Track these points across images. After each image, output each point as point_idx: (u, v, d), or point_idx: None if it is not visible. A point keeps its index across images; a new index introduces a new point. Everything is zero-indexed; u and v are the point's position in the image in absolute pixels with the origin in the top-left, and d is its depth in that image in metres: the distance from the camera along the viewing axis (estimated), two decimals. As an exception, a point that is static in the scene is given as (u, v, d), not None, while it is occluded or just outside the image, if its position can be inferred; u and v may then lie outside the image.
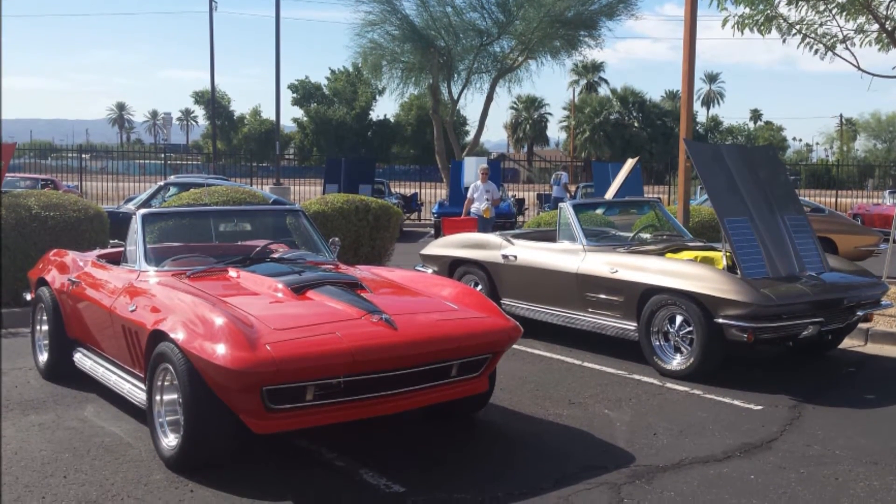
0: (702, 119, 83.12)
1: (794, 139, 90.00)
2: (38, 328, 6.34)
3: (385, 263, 10.49)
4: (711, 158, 7.06)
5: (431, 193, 27.99)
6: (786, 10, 9.58)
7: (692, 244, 7.77)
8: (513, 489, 4.08)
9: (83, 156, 31.37)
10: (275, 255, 5.72)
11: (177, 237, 5.98)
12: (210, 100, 40.31)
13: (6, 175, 12.05)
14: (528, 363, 6.90)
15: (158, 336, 4.38)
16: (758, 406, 5.64)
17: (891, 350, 7.57)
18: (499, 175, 20.99)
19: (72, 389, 5.81)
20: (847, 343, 7.59)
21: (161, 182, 15.15)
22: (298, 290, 4.76)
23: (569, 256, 7.44)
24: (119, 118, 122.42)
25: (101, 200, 23.74)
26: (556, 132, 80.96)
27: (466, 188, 16.63)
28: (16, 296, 8.31)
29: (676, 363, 6.42)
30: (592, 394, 5.96)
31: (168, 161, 37.20)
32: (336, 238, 6.45)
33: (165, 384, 4.36)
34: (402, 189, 29.31)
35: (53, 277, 6.15)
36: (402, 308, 4.74)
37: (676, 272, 6.50)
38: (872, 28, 9.65)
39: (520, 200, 24.78)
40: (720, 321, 6.11)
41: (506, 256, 8.03)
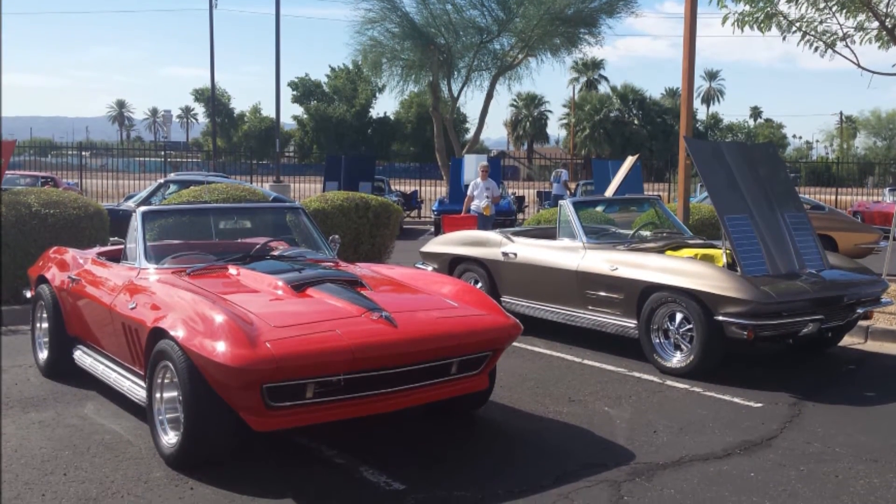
0: (702, 116, 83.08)
1: (794, 137, 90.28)
2: (38, 326, 6.34)
3: (385, 261, 10.48)
4: (711, 156, 7.06)
5: (431, 191, 27.98)
6: (786, 8, 9.59)
7: (692, 242, 7.78)
8: (513, 486, 4.08)
9: (83, 153, 31.37)
10: (275, 253, 5.72)
11: (177, 235, 5.97)
12: (210, 97, 40.28)
13: (6, 172, 12.02)
14: (529, 361, 6.90)
15: (158, 333, 4.38)
16: (758, 403, 5.64)
17: (891, 347, 7.58)
18: (499, 173, 20.98)
19: (72, 387, 5.81)
20: (847, 340, 7.59)
21: (161, 180, 15.16)
22: (298, 288, 4.76)
23: (569, 254, 7.44)
24: (119, 115, 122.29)
25: (101, 198, 23.75)
26: (556, 130, 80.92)
27: (466, 186, 16.62)
28: (16, 293, 8.31)
29: (676, 360, 6.42)
30: (592, 391, 5.96)
31: (168, 159, 37.21)
32: (336, 235, 6.45)
33: (165, 382, 4.36)
34: (402, 186, 29.33)
35: (53, 275, 6.15)
36: (402, 306, 4.75)
37: (676, 270, 6.50)
38: (872, 25, 9.65)
39: (520, 198, 24.77)
40: (720, 318, 6.12)
41: (506, 254, 8.03)
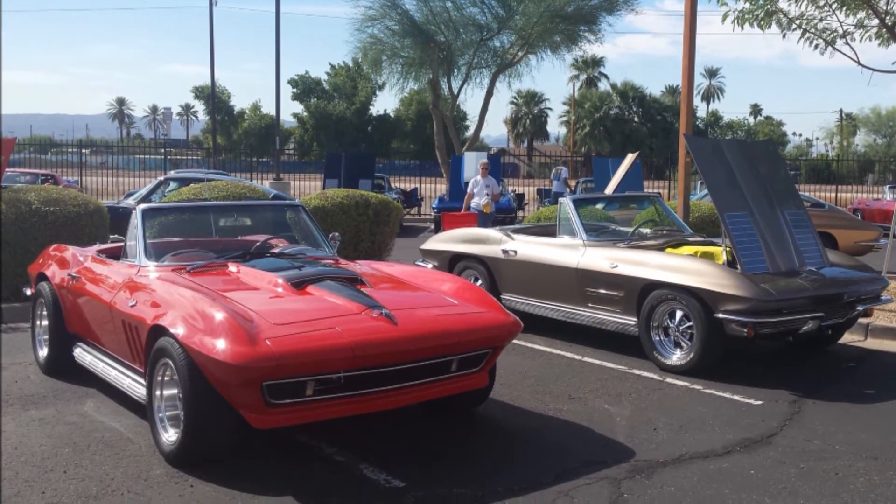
0: (702, 114, 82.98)
1: (794, 134, 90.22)
2: (38, 323, 6.34)
3: (385, 258, 10.49)
4: (711, 153, 7.06)
5: (431, 188, 28.00)
6: (785, 5, 9.59)
7: (692, 239, 7.78)
8: (513, 484, 4.09)
9: (83, 151, 31.38)
10: (275, 250, 5.71)
11: (177, 232, 5.96)
12: (210, 95, 40.25)
13: (6, 170, 12.02)
14: (528, 358, 6.90)
15: (158, 331, 4.38)
16: (758, 401, 5.65)
17: (891, 345, 7.58)
18: (499, 170, 20.97)
19: (72, 384, 5.81)
20: (847, 338, 7.59)
21: (161, 177, 15.14)
22: (298, 285, 4.76)
23: (569, 251, 7.44)
24: (119, 113, 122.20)
25: (101, 195, 23.76)
26: (556, 127, 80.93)
27: (466, 183, 16.61)
28: (16, 291, 8.31)
29: (676, 358, 6.42)
30: (592, 389, 5.96)
31: (168, 156, 37.16)
32: (336, 233, 6.44)
33: (165, 379, 4.36)
34: (402, 184, 29.33)
35: (53, 272, 6.14)
36: (402, 303, 4.75)
37: (676, 267, 6.50)
38: (872, 23, 9.65)
39: (520, 195, 24.75)
40: (720, 316, 6.11)
41: (506, 251, 8.03)
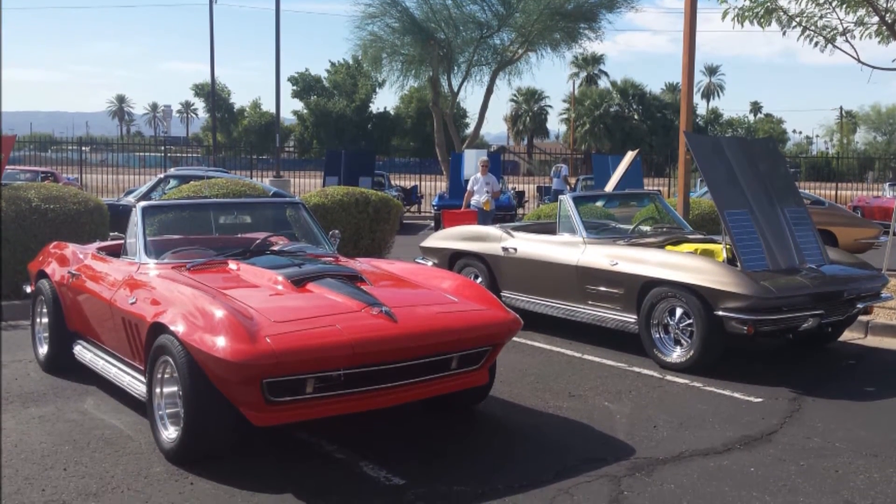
0: (702, 111, 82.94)
1: (794, 132, 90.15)
2: (38, 320, 6.34)
3: (385, 256, 10.49)
4: (711, 151, 7.05)
5: (431, 186, 27.98)
6: (786, 3, 9.58)
7: (692, 237, 7.78)
8: (513, 481, 4.09)
9: (83, 148, 31.37)
10: (275, 248, 5.70)
11: (177, 230, 5.97)
12: (210, 92, 40.20)
13: (6, 167, 12.03)
14: (528, 355, 6.90)
15: (158, 328, 4.38)
16: (758, 398, 5.65)
17: (891, 342, 7.58)
18: (499, 167, 20.97)
19: (72, 382, 5.81)
20: (847, 335, 7.59)
21: (161, 174, 15.11)
22: (298, 283, 4.76)
23: (569, 249, 7.44)
24: (119, 110, 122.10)
25: (101, 193, 23.74)
26: (556, 125, 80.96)
27: (466, 181, 16.60)
28: (16, 288, 8.31)
29: (676, 355, 6.42)
30: (592, 386, 5.97)
31: (168, 153, 37.14)
32: (336, 230, 6.44)
33: (165, 377, 4.36)
34: (402, 181, 29.29)
35: (53, 270, 6.14)
36: (402, 300, 4.74)
37: (676, 265, 6.50)
38: (872, 20, 9.64)
39: (520, 193, 24.76)
40: (720, 313, 6.11)
41: (506, 249, 8.03)
